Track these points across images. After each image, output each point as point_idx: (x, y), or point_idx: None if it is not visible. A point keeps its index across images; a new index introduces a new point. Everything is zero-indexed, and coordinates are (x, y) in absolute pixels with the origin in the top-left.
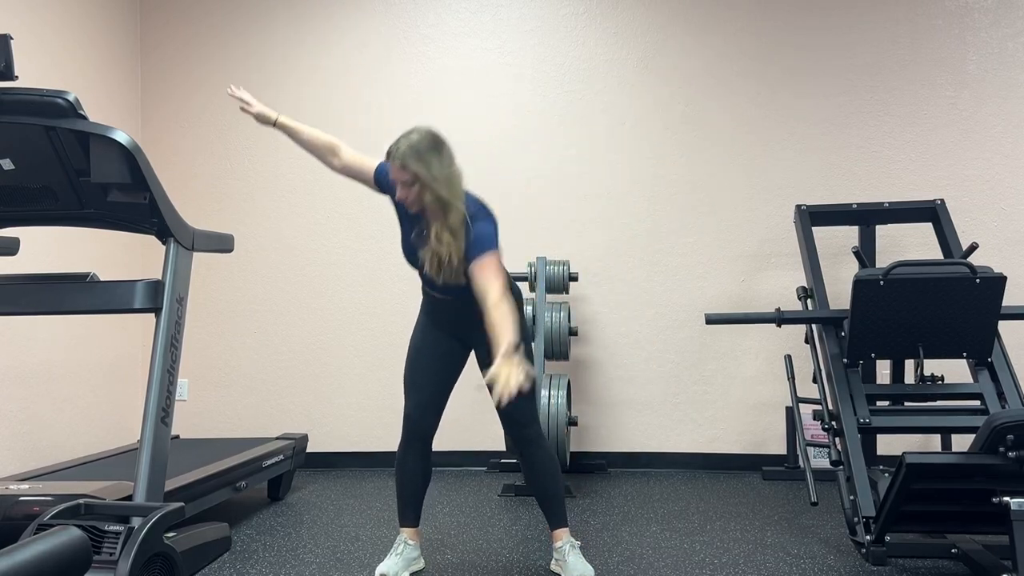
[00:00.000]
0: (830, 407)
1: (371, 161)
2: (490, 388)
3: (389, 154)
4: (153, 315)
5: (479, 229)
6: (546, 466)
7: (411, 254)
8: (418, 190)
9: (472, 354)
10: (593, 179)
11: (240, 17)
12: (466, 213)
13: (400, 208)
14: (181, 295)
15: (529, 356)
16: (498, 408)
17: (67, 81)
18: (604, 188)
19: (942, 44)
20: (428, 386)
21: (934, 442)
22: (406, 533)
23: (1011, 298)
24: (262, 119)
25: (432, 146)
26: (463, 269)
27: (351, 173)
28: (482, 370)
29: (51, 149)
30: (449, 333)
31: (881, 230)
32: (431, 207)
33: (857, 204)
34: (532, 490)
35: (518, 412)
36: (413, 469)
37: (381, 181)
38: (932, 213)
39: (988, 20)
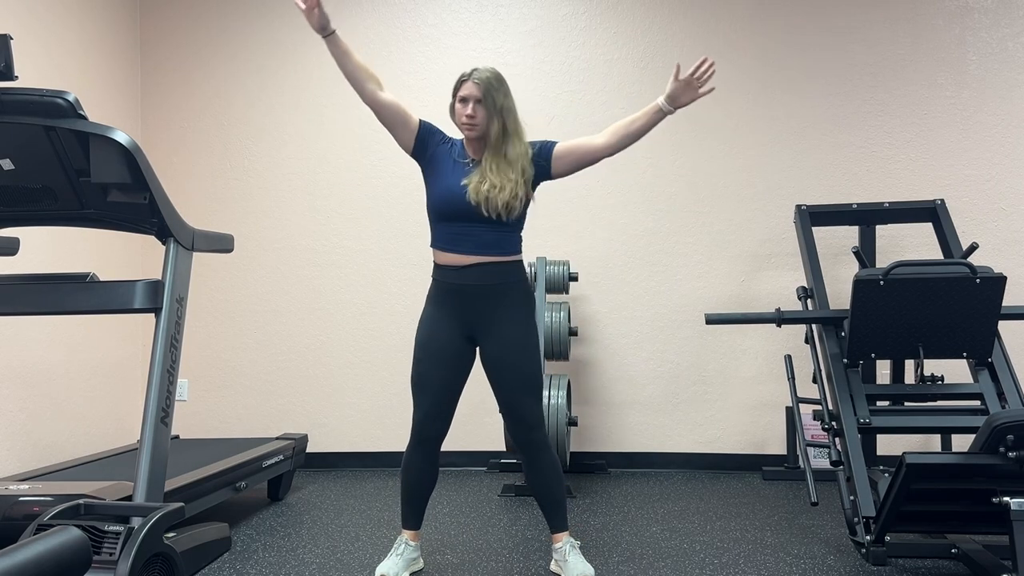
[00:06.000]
0: (830, 407)
1: (414, 113)
2: (492, 385)
3: (463, 77)
4: (153, 315)
5: (543, 143)
6: (551, 470)
7: (449, 197)
8: (485, 114)
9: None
10: (593, 179)
11: (240, 17)
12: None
13: (442, 152)
14: (181, 295)
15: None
16: (507, 412)
17: (67, 81)
18: (604, 188)
19: (942, 44)
20: (438, 392)
21: (934, 442)
22: (407, 534)
23: (1011, 298)
24: (322, 24)
25: (503, 80)
26: (514, 204)
27: (387, 110)
28: (485, 367)
29: (51, 149)
30: (458, 324)
31: (881, 230)
32: (493, 136)
33: (857, 204)
34: (535, 493)
35: (529, 414)
36: (420, 473)
37: (424, 133)
38: (932, 213)
39: (988, 20)
